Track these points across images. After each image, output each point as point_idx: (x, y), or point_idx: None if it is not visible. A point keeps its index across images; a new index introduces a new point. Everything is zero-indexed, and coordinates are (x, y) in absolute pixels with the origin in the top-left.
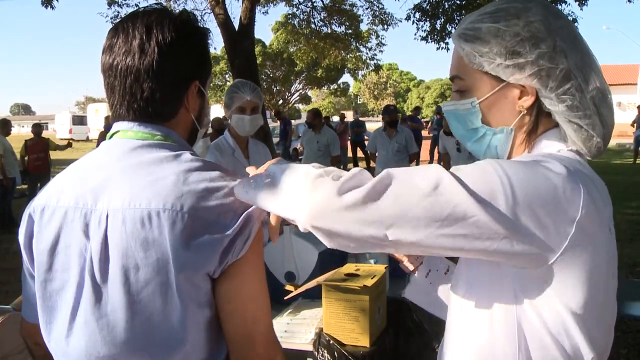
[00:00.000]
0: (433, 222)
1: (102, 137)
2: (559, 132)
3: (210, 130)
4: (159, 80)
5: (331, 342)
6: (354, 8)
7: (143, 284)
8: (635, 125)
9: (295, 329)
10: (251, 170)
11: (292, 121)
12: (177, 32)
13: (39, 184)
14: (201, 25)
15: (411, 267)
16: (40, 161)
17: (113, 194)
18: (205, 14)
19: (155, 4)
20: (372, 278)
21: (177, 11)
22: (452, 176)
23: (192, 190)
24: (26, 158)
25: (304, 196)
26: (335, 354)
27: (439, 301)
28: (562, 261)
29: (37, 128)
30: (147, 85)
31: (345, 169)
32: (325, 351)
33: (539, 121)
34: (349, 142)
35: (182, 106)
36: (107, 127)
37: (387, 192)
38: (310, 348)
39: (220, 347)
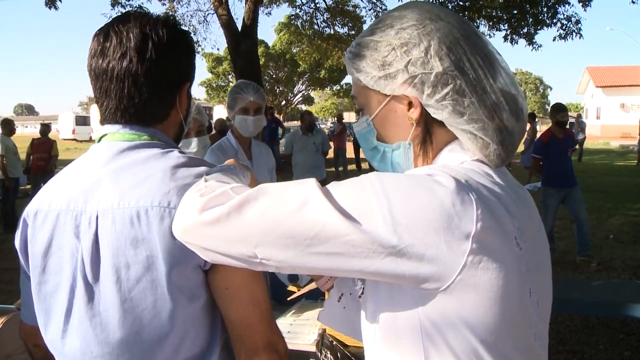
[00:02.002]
0: (302, 241)
1: None
2: (461, 142)
3: (213, 131)
4: (156, 82)
5: (334, 343)
6: (357, 9)
7: (134, 281)
8: None
9: (298, 329)
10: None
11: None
12: (171, 35)
13: (42, 184)
14: (186, 29)
15: (325, 286)
16: (42, 161)
17: (102, 195)
18: (208, 14)
19: (142, 7)
20: None
21: (164, 14)
22: (324, 193)
23: (179, 186)
24: (31, 157)
25: (178, 209)
26: (338, 354)
27: (358, 327)
28: (463, 282)
29: (45, 128)
30: (146, 89)
31: (345, 170)
32: (328, 352)
33: (432, 132)
34: (350, 143)
35: (174, 107)
36: None
37: (253, 208)
38: (313, 349)
39: (213, 339)
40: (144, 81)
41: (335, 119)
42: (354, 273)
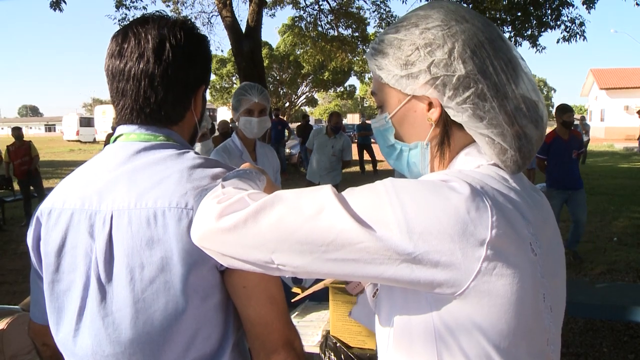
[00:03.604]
0: (317, 247)
1: (109, 138)
2: (479, 145)
3: (216, 133)
4: (172, 84)
5: (338, 344)
6: (361, 11)
7: (147, 282)
8: None
9: (302, 331)
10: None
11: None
12: (188, 38)
13: (31, 187)
14: (203, 34)
15: (356, 290)
16: (25, 165)
17: (118, 195)
18: (212, 16)
19: (160, 10)
20: None
21: (181, 18)
22: (340, 200)
23: (196, 187)
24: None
25: (196, 216)
26: (342, 356)
27: None
28: (478, 288)
29: (17, 131)
30: (162, 89)
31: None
32: (332, 354)
33: (451, 134)
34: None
35: (189, 110)
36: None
37: (269, 215)
38: (317, 350)
39: (225, 339)
40: (160, 81)
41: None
42: (370, 278)
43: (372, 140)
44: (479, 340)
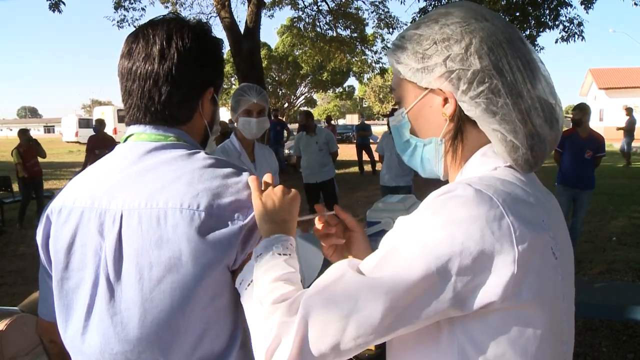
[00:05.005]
0: (369, 335)
1: (91, 141)
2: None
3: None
4: (177, 84)
5: None
6: (360, 12)
7: (155, 282)
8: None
9: None
10: (267, 178)
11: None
12: (195, 40)
13: (33, 192)
14: (216, 36)
15: None
16: (37, 166)
17: (129, 194)
18: (211, 17)
19: (175, 13)
20: None
21: (194, 20)
22: (367, 281)
23: (207, 188)
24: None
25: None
26: None
27: None
28: (508, 302)
29: (26, 134)
30: (166, 89)
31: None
32: None
33: (464, 130)
34: (345, 145)
35: (196, 111)
36: (96, 130)
37: (310, 336)
38: None
39: (232, 338)
40: (164, 81)
41: (325, 120)
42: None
43: (371, 140)
44: (505, 350)
